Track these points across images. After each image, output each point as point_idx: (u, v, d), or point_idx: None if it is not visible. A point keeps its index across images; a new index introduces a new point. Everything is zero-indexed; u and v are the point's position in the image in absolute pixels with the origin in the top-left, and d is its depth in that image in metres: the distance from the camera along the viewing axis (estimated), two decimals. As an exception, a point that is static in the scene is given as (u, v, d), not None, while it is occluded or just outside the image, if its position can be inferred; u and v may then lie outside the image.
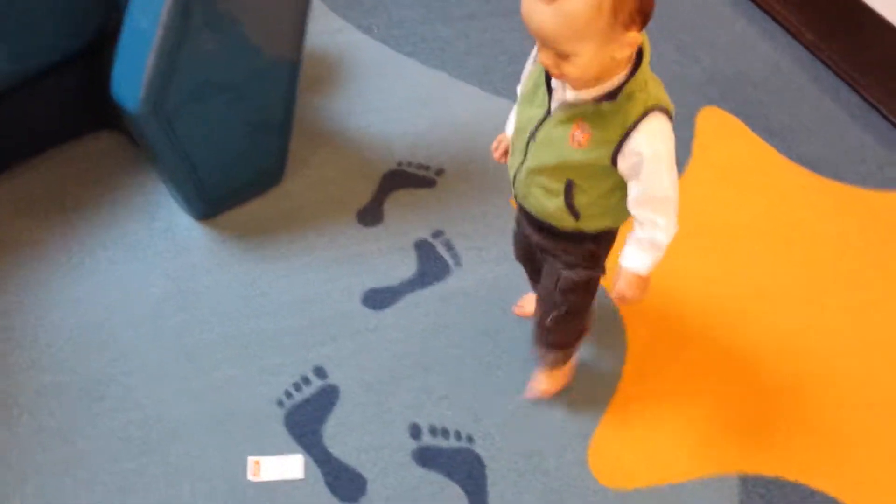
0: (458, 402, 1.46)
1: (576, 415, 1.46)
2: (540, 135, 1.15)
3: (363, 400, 1.44)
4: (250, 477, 1.33)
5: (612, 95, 1.06)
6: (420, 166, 1.86)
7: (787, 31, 2.35)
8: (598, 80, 1.06)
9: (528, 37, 1.03)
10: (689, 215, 1.79)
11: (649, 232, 1.15)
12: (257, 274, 1.61)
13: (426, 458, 1.39)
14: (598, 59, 1.02)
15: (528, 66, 1.20)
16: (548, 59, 1.04)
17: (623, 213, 1.20)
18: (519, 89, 1.23)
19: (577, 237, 1.25)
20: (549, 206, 1.21)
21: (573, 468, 1.38)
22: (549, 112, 1.13)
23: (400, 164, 1.86)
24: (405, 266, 1.66)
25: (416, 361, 1.50)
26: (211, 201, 1.67)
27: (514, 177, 1.24)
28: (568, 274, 1.29)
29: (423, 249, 1.70)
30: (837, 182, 1.95)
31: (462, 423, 1.43)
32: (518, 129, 1.21)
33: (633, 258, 1.18)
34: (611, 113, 1.07)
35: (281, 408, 1.42)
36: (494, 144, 1.33)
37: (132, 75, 1.41)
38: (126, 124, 1.75)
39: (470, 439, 1.41)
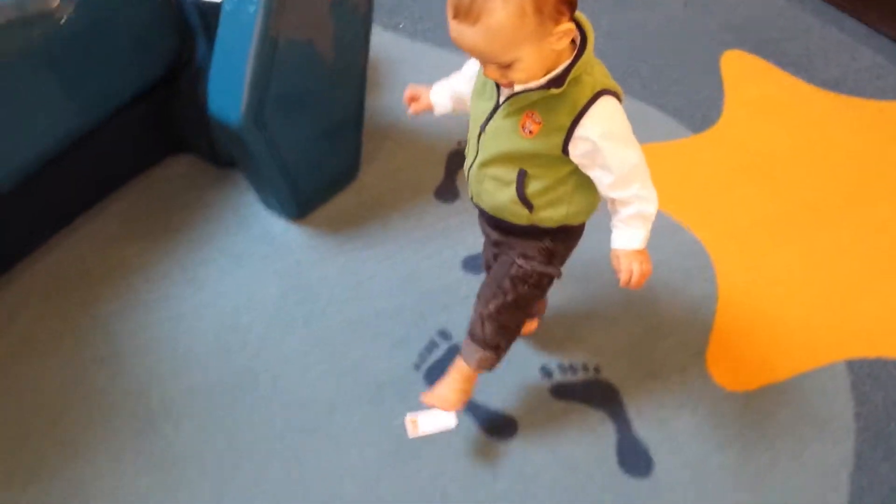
0: (576, 342, 1.57)
1: (685, 337, 1.58)
2: (490, 127, 1.15)
3: (491, 353, 1.55)
4: (410, 435, 1.43)
5: (558, 81, 1.06)
6: (480, 143, 1.98)
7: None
8: (543, 72, 1.06)
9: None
10: (737, 148, 1.96)
11: (636, 207, 1.15)
12: (360, 261, 1.71)
13: (563, 392, 1.49)
14: (539, 57, 1.03)
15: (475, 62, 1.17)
16: (493, 72, 1.05)
17: (577, 205, 1.20)
18: (467, 71, 1.27)
19: (534, 233, 1.24)
20: (502, 198, 1.19)
21: (697, 381, 1.50)
22: (498, 104, 1.14)
23: (460, 142, 1.98)
24: (493, 232, 1.78)
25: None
26: (302, 202, 1.77)
27: (468, 175, 1.24)
28: (522, 263, 1.27)
29: (506, 215, 1.81)
30: (860, 98, 2.10)
31: (586, 358, 1.54)
32: (472, 123, 1.21)
33: (626, 238, 1.19)
34: (560, 98, 1.07)
35: (418, 371, 1.52)
36: (408, 94, 1.35)
37: (230, 93, 1.51)
38: (203, 145, 1.86)
39: (597, 370, 1.52)
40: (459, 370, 1.36)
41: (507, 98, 1.11)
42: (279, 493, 1.35)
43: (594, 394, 1.49)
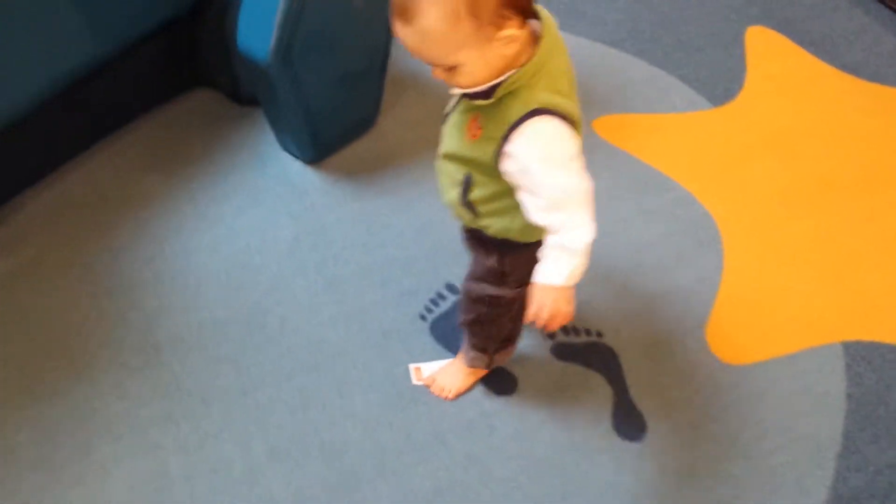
0: (582, 304, 1.58)
1: (688, 308, 1.60)
2: (450, 119, 1.13)
3: (496, 310, 1.58)
4: (414, 381, 1.47)
5: (488, 94, 1.01)
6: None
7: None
8: (494, 77, 1.00)
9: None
10: (756, 124, 1.97)
11: (562, 237, 1.04)
12: (375, 208, 1.73)
13: (564, 353, 1.53)
14: (484, 62, 0.97)
15: None
16: (439, 74, 1.01)
17: (520, 222, 1.11)
18: None
19: (483, 241, 1.22)
20: (451, 195, 1.17)
21: (696, 352, 1.54)
22: (459, 97, 1.10)
23: (481, 99, 1.98)
24: (506, 190, 1.79)
25: (537, 272, 1.64)
26: (321, 146, 1.77)
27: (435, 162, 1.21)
28: (470, 285, 1.28)
29: (520, 174, 1.83)
30: (880, 84, 2.10)
31: (590, 321, 1.57)
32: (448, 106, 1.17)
33: (544, 270, 1.07)
34: (496, 109, 1.02)
35: (424, 321, 1.55)
36: None
37: (261, 29, 1.51)
38: (226, 81, 1.86)
39: (599, 334, 1.55)
40: (460, 360, 1.44)
41: (462, 97, 1.08)
42: (281, 432, 1.39)
43: (594, 357, 1.52)
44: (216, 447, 1.37)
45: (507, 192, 1.09)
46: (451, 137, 1.12)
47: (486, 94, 1.01)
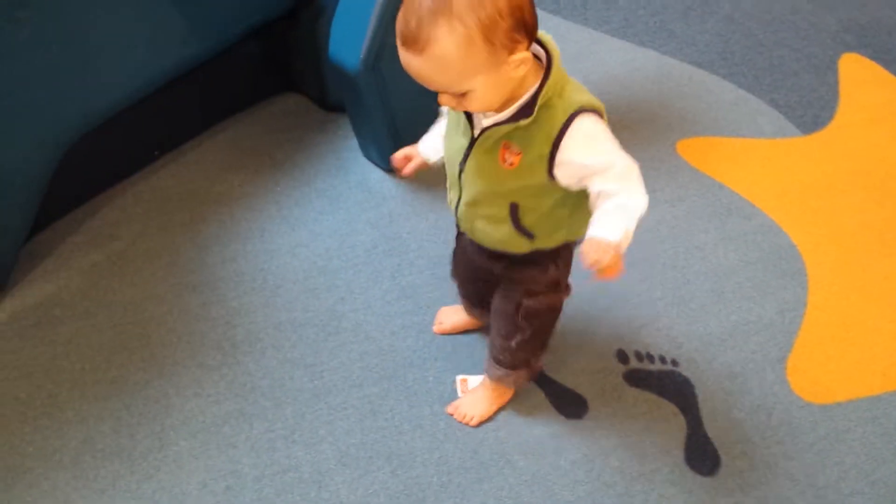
0: (657, 331, 1.57)
1: (769, 340, 1.56)
2: (469, 165, 1.11)
3: (569, 329, 1.55)
4: (461, 394, 1.47)
5: (527, 111, 1.01)
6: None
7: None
8: (509, 100, 1.02)
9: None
10: (847, 155, 1.91)
11: (622, 198, 1.04)
12: (450, 220, 1.69)
13: (637, 379, 1.50)
14: (495, 86, 0.98)
15: None
16: (449, 101, 1.01)
17: (577, 225, 1.13)
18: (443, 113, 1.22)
19: (538, 260, 1.20)
20: (498, 234, 1.15)
21: (775, 387, 1.49)
22: (473, 139, 1.08)
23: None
24: (585, 209, 1.78)
25: (613, 294, 1.62)
26: (402, 154, 1.79)
27: (456, 211, 1.20)
28: (529, 303, 1.25)
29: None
30: (984, 119, 2.02)
31: (664, 349, 1.54)
32: (448, 161, 1.17)
33: (602, 225, 1.04)
34: (533, 127, 1.02)
35: (496, 338, 1.55)
36: (400, 155, 1.29)
37: (352, 39, 1.54)
38: (313, 86, 1.89)
39: (675, 363, 1.52)
40: (488, 385, 1.42)
41: (482, 132, 1.06)
42: (350, 437, 1.40)
43: (668, 386, 1.49)
44: (287, 449, 1.39)
45: (558, 203, 1.10)
46: (480, 178, 1.10)
47: (525, 112, 1.01)
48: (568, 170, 1.04)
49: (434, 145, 1.26)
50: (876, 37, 2.23)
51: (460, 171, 1.13)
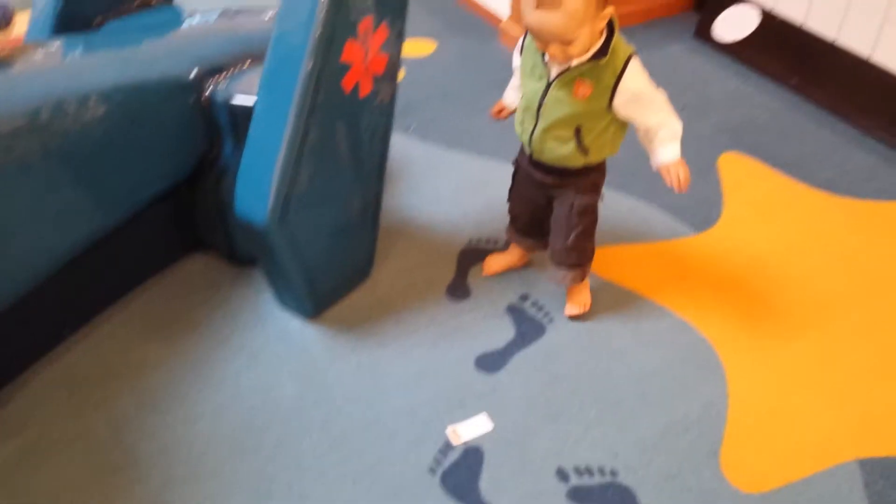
0: (593, 441, 1.58)
1: (699, 437, 1.59)
2: (548, 99, 1.54)
3: (506, 454, 1.56)
4: (454, 443, 1.51)
5: (602, 53, 1.47)
6: (489, 241, 2.03)
7: (775, 80, 2.64)
8: (588, 49, 1.47)
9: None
10: (740, 247, 2.02)
11: (669, 128, 1.54)
12: (375, 359, 1.73)
13: (580, 497, 1.49)
14: (589, 35, 1.44)
15: (518, 53, 1.63)
16: (556, 50, 1.44)
17: (614, 144, 1.63)
18: (516, 61, 1.65)
19: (584, 172, 1.65)
20: (564, 151, 1.59)
21: (713, 483, 1.51)
22: (549, 81, 1.53)
23: (471, 241, 2.03)
24: (504, 330, 1.81)
25: (543, 412, 1.63)
26: (318, 300, 1.80)
27: (530, 139, 1.62)
28: (580, 199, 1.68)
29: (516, 313, 1.85)
30: (854, 199, 2.18)
31: (602, 459, 1.55)
32: (527, 100, 1.59)
33: (667, 154, 1.56)
34: (603, 66, 1.48)
35: (434, 475, 1.52)
36: (496, 108, 1.77)
37: (258, 195, 1.56)
38: (221, 243, 1.90)
39: (613, 473, 1.53)
40: (572, 286, 1.82)
41: (560, 73, 1.50)
42: None
43: (612, 498, 1.49)
44: None
45: (606, 127, 1.57)
46: (559, 106, 1.54)
47: (601, 54, 1.47)
48: (624, 96, 1.51)
49: (512, 96, 1.74)
50: (748, 135, 2.41)
51: (539, 106, 1.56)
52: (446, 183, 2.22)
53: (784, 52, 2.63)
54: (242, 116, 1.65)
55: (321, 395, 1.66)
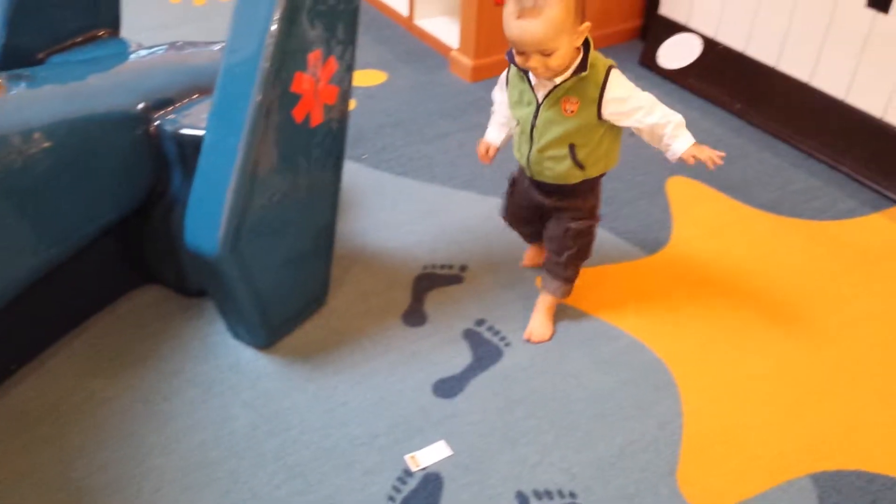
0: (551, 465, 1.58)
1: (656, 456, 1.60)
2: (539, 121, 1.61)
3: (465, 480, 1.54)
4: (413, 469, 1.49)
5: (582, 68, 1.54)
6: (444, 266, 2.04)
7: (718, 105, 2.71)
8: (568, 65, 1.53)
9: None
10: (690, 268, 2.05)
11: (672, 123, 1.60)
12: (331, 387, 1.72)
13: (540, 519, 1.49)
14: (568, 49, 1.50)
15: (503, 86, 1.70)
16: (537, 62, 1.50)
17: (610, 157, 1.69)
18: (497, 98, 1.75)
19: (582, 192, 1.71)
20: (561, 168, 1.65)
21: (671, 501, 1.52)
22: (538, 104, 1.60)
23: (425, 267, 2.03)
24: (461, 355, 1.80)
25: (501, 437, 1.63)
26: (273, 330, 1.77)
27: (527, 161, 1.69)
28: (575, 225, 1.74)
29: (472, 338, 1.85)
30: (798, 219, 2.24)
31: (561, 482, 1.55)
32: (521, 126, 1.66)
33: (682, 144, 1.61)
34: (585, 80, 1.55)
35: (393, 503, 1.51)
36: (482, 150, 1.81)
37: (208, 223, 1.54)
38: (171, 275, 1.87)
39: (573, 495, 1.53)
40: (545, 305, 1.86)
41: (547, 94, 1.57)
42: None
43: (571, 519, 1.49)
44: None
45: (599, 141, 1.63)
46: (550, 127, 1.60)
47: (581, 69, 1.53)
48: (611, 106, 1.57)
49: (495, 133, 1.80)
50: (693, 159, 2.46)
51: (531, 128, 1.62)
52: (400, 210, 2.23)
53: (727, 78, 2.71)
54: (191, 147, 1.64)
55: (276, 425, 1.63)
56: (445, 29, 3.11)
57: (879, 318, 1.94)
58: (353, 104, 2.61)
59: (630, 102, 1.57)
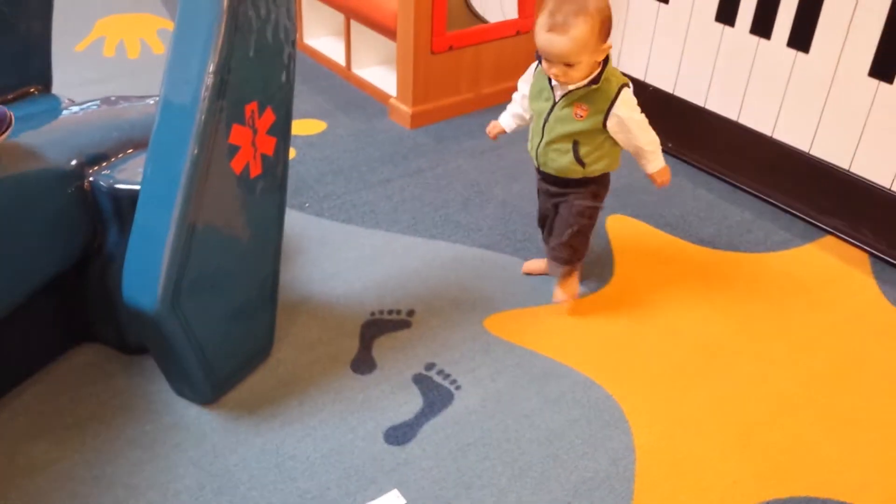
0: (505, 507, 1.57)
1: (610, 492, 1.59)
2: (552, 117, 1.83)
3: (421, 528, 1.52)
4: None
5: (596, 81, 1.76)
6: (391, 311, 2.03)
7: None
8: (586, 76, 1.75)
9: (442, 189, 1.24)
10: (633, 304, 2.09)
11: (652, 147, 1.86)
12: (279, 441, 1.68)
13: (497, 564, 1.47)
14: (589, 63, 1.73)
15: (529, 78, 1.91)
16: (559, 71, 1.72)
17: (611, 159, 1.89)
18: (522, 89, 1.94)
19: (584, 182, 1.90)
20: (563, 161, 1.86)
21: (627, 537, 1.52)
22: (555, 102, 1.81)
23: (373, 313, 2.02)
24: (412, 401, 1.79)
25: (456, 481, 1.61)
26: (216, 384, 1.73)
27: (536, 151, 1.90)
28: (579, 202, 1.92)
29: (423, 383, 1.83)
30: (735, 252, 2.30)
31: (517, 524, 1.54)
32: (535, 117, 1.88)
33: (655, 162, 1.89)
34: (598, 92, 1.77)
35: (348, 556, 1.47)
36: (491, 127, 2.04)
37: (146, 279, 1.51)
38: (110, 333, 1.82)
39: (529, 537, 1.52)
40: (562, 278, 2.05)
41: (563, 96, 1.79)
42: None
43: (529, 561, 1.47)
44: None
45: (601, 144, 1.84)
46: (561, 124, 1.82)
47: (594, 81, 1.75)
48: (614, 120, 1.80)
49: (507, 121, 2.02)
50: (632, 197, 2.52)
51: (544, 122, 1.84)
52: (344, 257, 2.21)
53: (659, 118, 2.76)
54: (126, 202, 1.61)
55: (223, 482, 1.58)
56: (383, 78, 3.14)
57: (821, 346, 2.00)
58: (293, 153, 2.60)
59: (629, 123, 1.80)
